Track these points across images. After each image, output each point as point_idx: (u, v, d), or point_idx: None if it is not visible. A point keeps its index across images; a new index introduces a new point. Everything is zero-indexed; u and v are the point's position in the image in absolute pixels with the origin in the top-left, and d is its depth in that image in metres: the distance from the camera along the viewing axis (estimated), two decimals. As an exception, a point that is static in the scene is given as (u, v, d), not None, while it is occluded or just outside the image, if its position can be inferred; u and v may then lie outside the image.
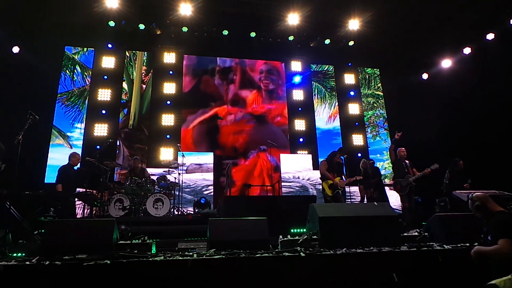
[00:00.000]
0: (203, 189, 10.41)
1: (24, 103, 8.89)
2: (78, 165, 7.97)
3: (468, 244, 3.80)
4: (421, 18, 10.60)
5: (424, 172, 7.30)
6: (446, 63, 11.49)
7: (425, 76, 12.46)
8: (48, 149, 10.27)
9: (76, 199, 7.23)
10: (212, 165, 10.75)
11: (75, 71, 11.31)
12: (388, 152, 7.94)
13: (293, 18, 10.67)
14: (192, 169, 10.46)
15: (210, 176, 10.65)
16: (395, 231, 4.17)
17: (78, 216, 7.43)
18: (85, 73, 11.36)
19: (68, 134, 10.69)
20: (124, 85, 11.57)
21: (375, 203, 4.82)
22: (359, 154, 11.81)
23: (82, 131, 10.76)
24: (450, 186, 7.98)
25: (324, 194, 7.63)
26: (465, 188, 7.77)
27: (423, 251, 3.72)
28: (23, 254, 4.08)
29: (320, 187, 10.38)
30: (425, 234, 4.45)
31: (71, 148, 10.54)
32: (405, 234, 4.56)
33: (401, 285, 3.38)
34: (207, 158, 10.88)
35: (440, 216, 4.63)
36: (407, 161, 7.69)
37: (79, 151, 10.25)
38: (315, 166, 11.43)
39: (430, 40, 11.48)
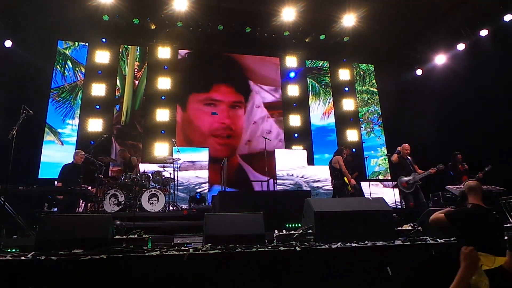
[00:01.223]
0: (196, 187, 10.33)
1: (17, 98, 8.81)
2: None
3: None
4: (415, 14, 10.63)
5: (430, 172, 7.19)
6: (440, 59, 11.53)
7: (419, 72, 12.51)
8: (42, 144, 10.17)
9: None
10: (206, 162, 10.60)
11: (66, 66, 11.16)
12: (392, 159, 7.81)
13: (288, 13, 10.65)
14: (185, 167, 10.34)
15: (204, 174, 10.46)
16: (389, 225, 4.22)
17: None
18: (77, 68, 11.20)
19: (59, 130, 10.56)
20: (117, 81, 11.45)
21: (370, 198, 4.86)
22: (353, 150, 11.85)
23: (74, 127, 10.64)
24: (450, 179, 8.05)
25: (345, 189, 7.62)
26: (478, 177, 7.77)
27: (416, 245, 3.76)
28: (17, 250, 4.07)
29: (314, 184, 10.52)
30: (419, 228, 4.50)
31: (62, 144, 10.44)
32: (399, 228, 4.62)
33: (395, 278, 3.42)
34: (201, 155, 10.74)
35: (434, 210, 4.68)
36: (409, 158, 7.62)
37: (71, 147, 10.18)
38: (310, 161, 11.49)
39: (424, 36, 11.53)
